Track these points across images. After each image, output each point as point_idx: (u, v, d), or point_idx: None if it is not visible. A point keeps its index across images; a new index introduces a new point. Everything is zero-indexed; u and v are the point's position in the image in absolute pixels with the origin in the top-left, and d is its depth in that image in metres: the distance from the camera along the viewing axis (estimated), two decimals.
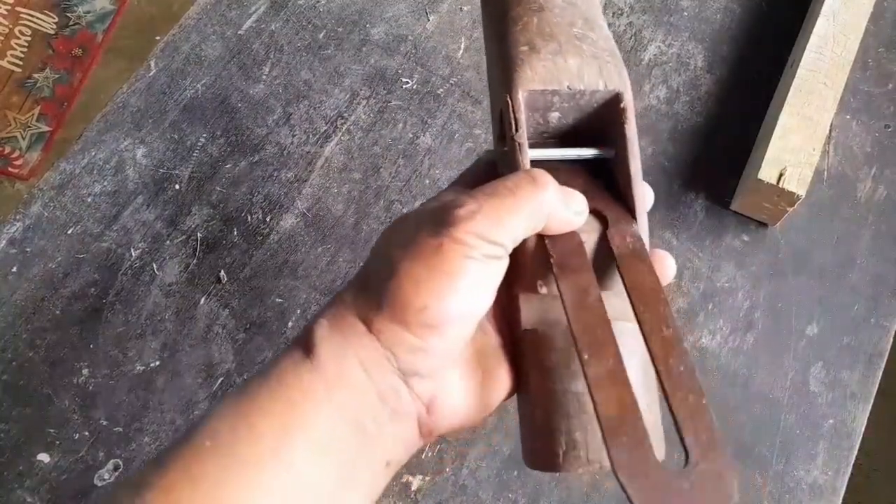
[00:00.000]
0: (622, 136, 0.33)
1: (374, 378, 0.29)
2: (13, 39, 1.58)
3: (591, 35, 0.34)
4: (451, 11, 0.71)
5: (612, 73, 0.34)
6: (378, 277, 0.29)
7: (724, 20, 0.71)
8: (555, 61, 0.33)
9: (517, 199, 0.30)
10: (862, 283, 0.61)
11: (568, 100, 0.33)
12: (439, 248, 0.28)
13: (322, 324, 0.30)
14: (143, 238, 0.61)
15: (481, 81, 0.68)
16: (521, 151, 0.32)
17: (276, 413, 0.28)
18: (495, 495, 0.54)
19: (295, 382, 0.29)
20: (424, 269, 0.28)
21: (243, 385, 0.29)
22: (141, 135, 0.65)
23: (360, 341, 0.29)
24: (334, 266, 0.61)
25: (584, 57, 0.33)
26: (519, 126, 0.32)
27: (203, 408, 0.56)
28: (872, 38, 0.69)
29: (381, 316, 0.29)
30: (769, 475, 0.55)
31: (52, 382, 0.56)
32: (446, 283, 0.28)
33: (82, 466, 0.54)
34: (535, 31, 0.34)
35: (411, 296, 0.28)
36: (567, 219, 0.31)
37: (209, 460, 0.27)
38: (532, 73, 0.33)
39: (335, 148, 0.65)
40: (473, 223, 0.28)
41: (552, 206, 0.31)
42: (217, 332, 0.58)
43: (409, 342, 0.29)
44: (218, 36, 0.69)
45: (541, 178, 0.31)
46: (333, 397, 0.28)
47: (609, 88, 0.33)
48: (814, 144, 0.59)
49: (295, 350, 0.30)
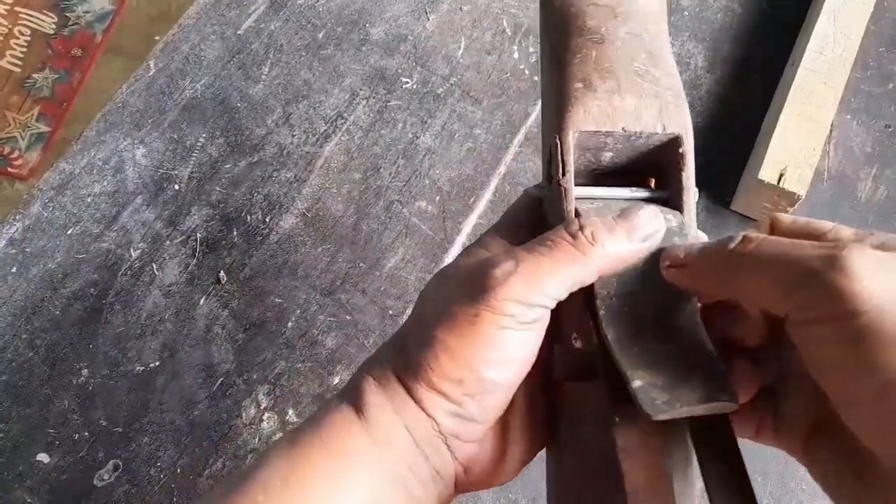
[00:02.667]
0: (678, 182, 0.32)
1: (419, 441, 0.29)
2: (12, 39, 1.58)
3: (653, 72, 0.32)
4: (451, 11, 0.71)
5: (673, 114, 0.31)
6: (415, 344, 0.29)
7: (725, 20, 0.71)
8: (611, 101, 0.31)
9: (555, 261, 0.28)
10: None
11: (622, 141, 0.32)
12: (475, 318, 0.28)
13: (371, 382, 0.30)
14: (143, 238, 0.61)
15: (481, 81, 0.68)
16: (567, 198, 0.31)
17: (327, 469, 0.28)
18: (495, 495, 0.54)
19: (347, 441, 0.29)
20: (460, 340, 0.28)
21: (294, 435, 0.30)
22: (140, 135, 0.65)
23: (405, 405, 0.29)
24: (334, 266, 0.61)
25: (644, 96, 0.31)
26: (566, 171, 0.31)
27: (203, 408, 0.56)
28: (873, 38, 0.69)
29: (419, 385, 0.29)
30: (769, 475, 0.55)
31: (52, 382, 0.56)
32: (482, 356, 0.28)
33: (82, 466, 0.54)
34: (593, 65, 0.31)
35: (447, 368, 0.28)
36: (634, 251, 0.29)
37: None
38: (585, 113, 0.31)
39: (335, 148, 0.65)
40: (509, 288, 0.27)
41: (605, 262, 0.29)
42: (217, 332, 0.58)
43: (449, 408, 0.29)
44: (217, 36, 0.69)
45: (584, 237, 0.29)
46: (383, 458, 0.29)
47: (668, 132, 0.31)
48: (814, 144, 0.59)
49: (345, 406, 0.30)
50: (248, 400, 0.56)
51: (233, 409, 0.56)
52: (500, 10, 0.71)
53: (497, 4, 0.71)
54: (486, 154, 0.65)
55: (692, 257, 0.28)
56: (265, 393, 0.57)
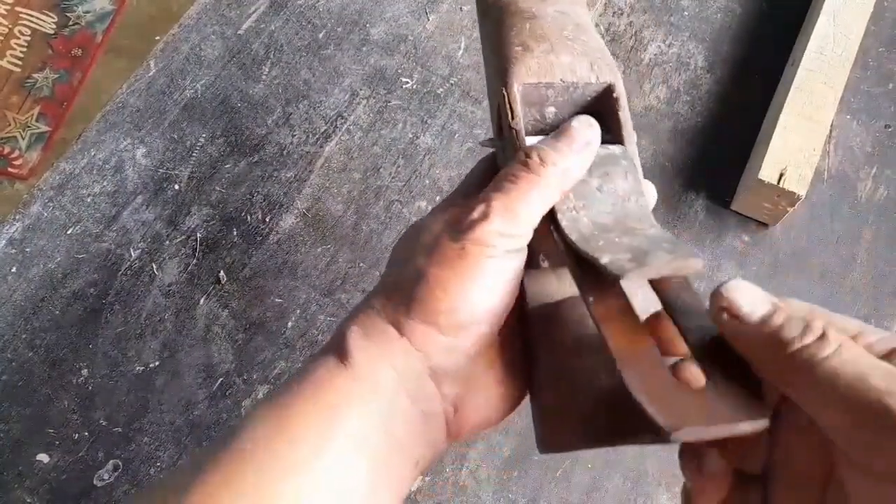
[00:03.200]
0: (616, 121, 0.34)
1: (406, 381, 0.30)
2: (13, 39, 1.58)
3: (582, 37, 0.36)
4: (451, 11, 0.71)
5: (603, 67, 0.35)
6: (406, 283, 0.30)
7: (725, 20, 0.71)
8: (547, 58, 0.34)
9: (521, 190, 0.31)
10: (862, 283, 0.61)
11: (562, 93, 0.35)
12: (462, 251, 0.30)
13: (354, 331, 0.31)
14: (143, 238, 0.61)
15: (481, 81, 0.68)
16: (519, 138, 0.33)
17: (313, 418, 0.29)
18: (495, 495, 0.54)
19: (331, 388, 0.29)
20: (450, 272, 0.30)
21: (278, 391, 0.30)
22: (140, 135, 0.65)
23: (392, 346, 0.30)
24: (334, 266, 0.61)
25: (576, 54, 0.35)
26: (515, 115, 0.34)
27: (203, 408, 0.56)
28: (873, 38, 0.69)
29: (412, 320, 0.30)
30: None
31: (52, 382, 0.56)
32: (472, 284, 0.30)
33: (82, 466, 0.54)
34: (528, 34, 0.35)
35: (440, 299, 0.30)
36: (580, 160, 0.32)
37: (249, 466, 0.28)
38: (526, 68, 0.34)
39: (335, 148, 0.65)
40: (489, 223, 0.30)
41: (560, 177, 0.31)
42: (217, 332, 0.58)
43: (441, 342, 0.30)
44: (217, 36, 0.69)
45: (534, 161, 0.31)
46: (368, 402, 0.29)
47: (601, 80, 0.35)
48: (814, 144, 0.59)
49: (328, 356, 0.30)
50: (248, 400, 0.56)
51: (233, 409, 0.56)
52: None
53: None
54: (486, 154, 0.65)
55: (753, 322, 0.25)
56: (265, 393, 0.57)
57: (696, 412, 0.25)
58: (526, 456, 0.55)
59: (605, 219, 0.32)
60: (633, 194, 0.33)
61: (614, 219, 0.32)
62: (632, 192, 0.33)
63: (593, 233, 0.31)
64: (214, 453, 0.28)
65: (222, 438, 0.29)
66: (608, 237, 0.30)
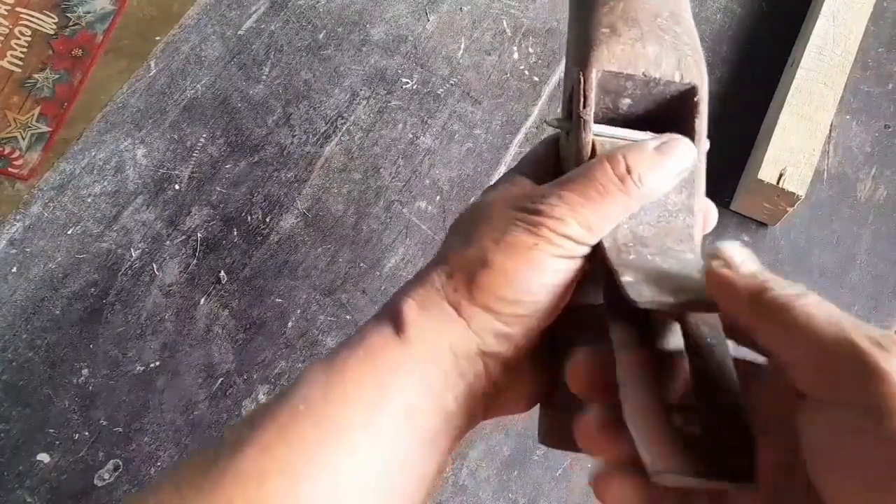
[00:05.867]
0: (691, 128, 0.33)
1: (459, 359, 0.31)
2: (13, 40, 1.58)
3: (675, 28, 0.34)
4: (451, 11, 0.71)
5: (691, 66, 0.33)
6: (471, 266, 0.31)
7: (724, 20, 0.71)
8: (633, 46, 0.32)
9: (607, 205, 0.30)
10: (862, 283, 0.61)
11: (641, 87, 0.33)
12: (534, 247, 0.30)
13: (411, 304, 0.31)
14: (143, 238, 0.61)
15: (481, 81, 0.68)
16: (585, 128, 0.32)
17: (366, 382, 0.30)
18: (495, 495, 0.54)
19: (385, 356, 0.30)
20: (518, 264, 0.30)
21: (331, 355, 0.31)
22: (141, 135, 0.65)
23: (450, 325, 0.31)
24: (334, 266, 0.61)
25: (665, 47, 0.33)
26: (587, 103, 0.32)
27: (203, 408, 0.56)
28: (872, 38, 0.69)
29: (472, 303, 0.30)
30: None
31: (52, 382, 0.56)
32: (538, 280, 0.30)
33: (82, 466, 0.54)
34: (620, 14, 0.33)
35: (504, 289, 0.30)
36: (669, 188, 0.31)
37: (304, 422, 0.29)
38: (609, 54, 0.32)
39: (335, 148, 0.65)
40: (567, 227, 0.30)
41: (647, 197, 0.31)
42: (217, 332, 0.58)
43: (497, 329, 0.31)
44: (218, 36, 0.69)
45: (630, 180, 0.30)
46: (422, 373, 0.30)
47: (685, 81, 0.33)
48: (814, 144, 0.59)
49: (384, 325, 0.31)
50: (248, 400, 0.57)
51: (233, 409, 0.56)
52: (500, 10, 0.71)
53: (497, 5, 0.71)
54: (486, 154, 0.65)
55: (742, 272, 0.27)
56: (265, 393, 0.57)
57: (683, 460, 0.25)
58: (526, 456, 0.55)
59: (645, 230, 0.31)
60: (682, 211, 0.31)
61: (655, 233, 0.31)
62: (682, 209, 0.31)
63: (627, 244, 0.30)
64: (270, 411, 0.29)
65: (276, 398, 0.30)
66: (641, 252, 0.29)
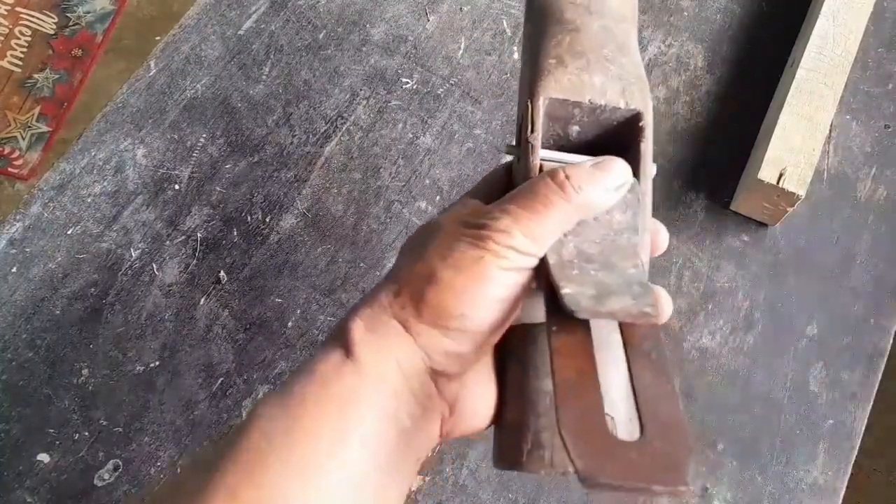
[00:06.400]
0: (637, 152, 0.34)
1: (409, 377, 0.31)
2: (13, 39, 1.58)
3: (621, 59, 0.35)
4: (451, 11, 0.71)
5: (636, 93, 0.34)
6: (417, 283, 0.31)
7: (724, 20, 0.71)
8: (580, 76, 0.34)
9: (549, 213, 0.31)
10: (862, 283, 0.61)
11: (589, 114, 0.34)
12: (480, 260, 0.30)
13: (359, 324, 0.31)
14: (143, 238, 0.61)
15: (481, 81, 0.68)
16: (533, 152, 0.33)
17: (328, 415, 0.29)
18: (495, 495, 0.54)
19: (339, 384, 0.30)
20: (464, 279, 0.30)
21: (285, 386, 0.31)
22: (141, 135, 0.65)
23: (397, 342, 0.30)
24: (334, 266, 0.61)
25: (610, 77, 0.34)
26: (535, 128, 0.33)
27: (203, 408, 0.56)
28: (872, 38, 0.69)
29: (419, 320, 0.30)
30: (769, 475, 0.55)
31: (52, 382, 0.56)
32: (484, 294, 0.30)
33: (82, 466, 0.54)
34: (567, 47, 0.35)
35: (451, 304, 0.30)
36: (608, 203, 0.32)
37: (269, 461, 0.28)
38: (556, 83, 0.34)
39: (335, 148, 0.65)
40: (511, 238, 0.30)
41: (586, 208, 0.32)
42: (217, 332, 0.58)
43: (445, 346, 0.30)
44: (218, 36, 0.69)
45: (570, 188, 0.31)
46: (377, 397, 0.30)
47: (630, 107, 0.34)
48: (814, 144, 0.59)
49: (333, 350, 0.31)
50: (248, 400, 0.57)
51: (233, 409, 0.56)
52: (499, 10, 0.71)
53: (497, 5, 0.71)
54: (486, 154, 0.65)
55: None
56: (265, 392, 0.57)
57: (616, 465, 0.25)
58: None
59: (590, 248, 0.31)
60: (628, 230, 0.32)
61: (600, 250, 0.31)
62: (627, 228, 0.32)
63: (572, 260, 0.31)
64: (231, 452, 0.28)
65: (233, 436, 0.29)
66: (585, 268, 0.30)
